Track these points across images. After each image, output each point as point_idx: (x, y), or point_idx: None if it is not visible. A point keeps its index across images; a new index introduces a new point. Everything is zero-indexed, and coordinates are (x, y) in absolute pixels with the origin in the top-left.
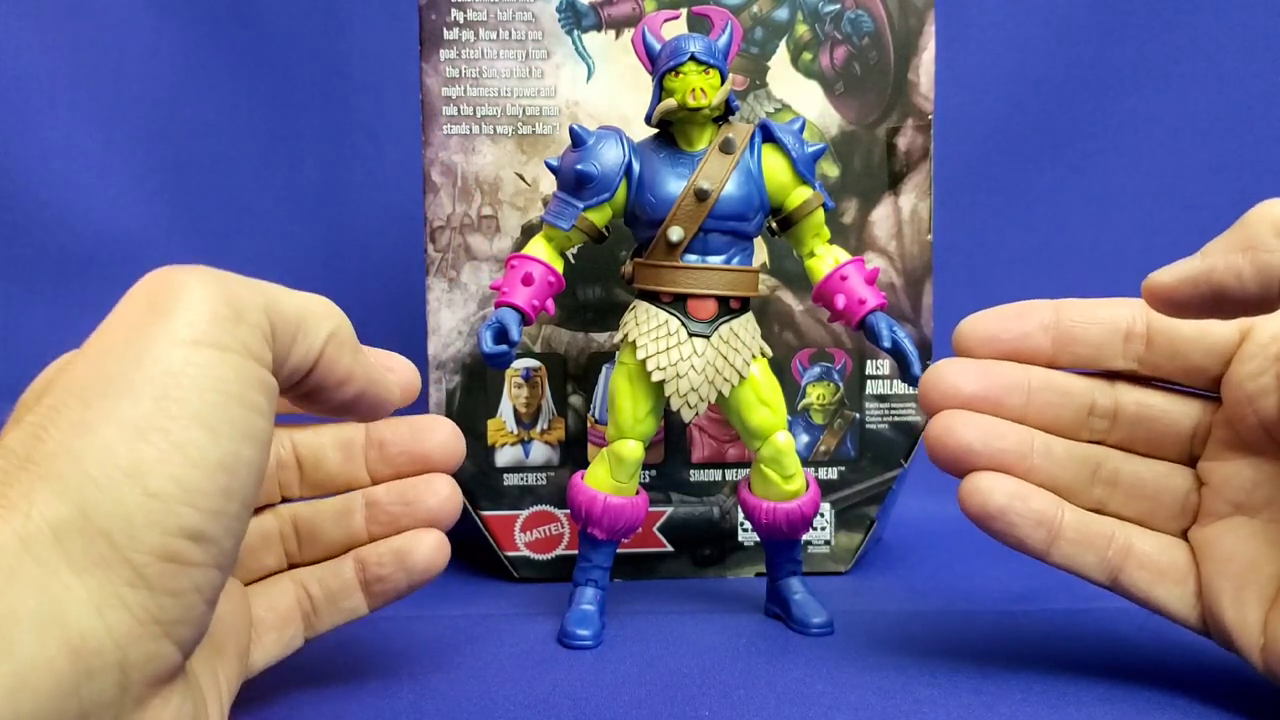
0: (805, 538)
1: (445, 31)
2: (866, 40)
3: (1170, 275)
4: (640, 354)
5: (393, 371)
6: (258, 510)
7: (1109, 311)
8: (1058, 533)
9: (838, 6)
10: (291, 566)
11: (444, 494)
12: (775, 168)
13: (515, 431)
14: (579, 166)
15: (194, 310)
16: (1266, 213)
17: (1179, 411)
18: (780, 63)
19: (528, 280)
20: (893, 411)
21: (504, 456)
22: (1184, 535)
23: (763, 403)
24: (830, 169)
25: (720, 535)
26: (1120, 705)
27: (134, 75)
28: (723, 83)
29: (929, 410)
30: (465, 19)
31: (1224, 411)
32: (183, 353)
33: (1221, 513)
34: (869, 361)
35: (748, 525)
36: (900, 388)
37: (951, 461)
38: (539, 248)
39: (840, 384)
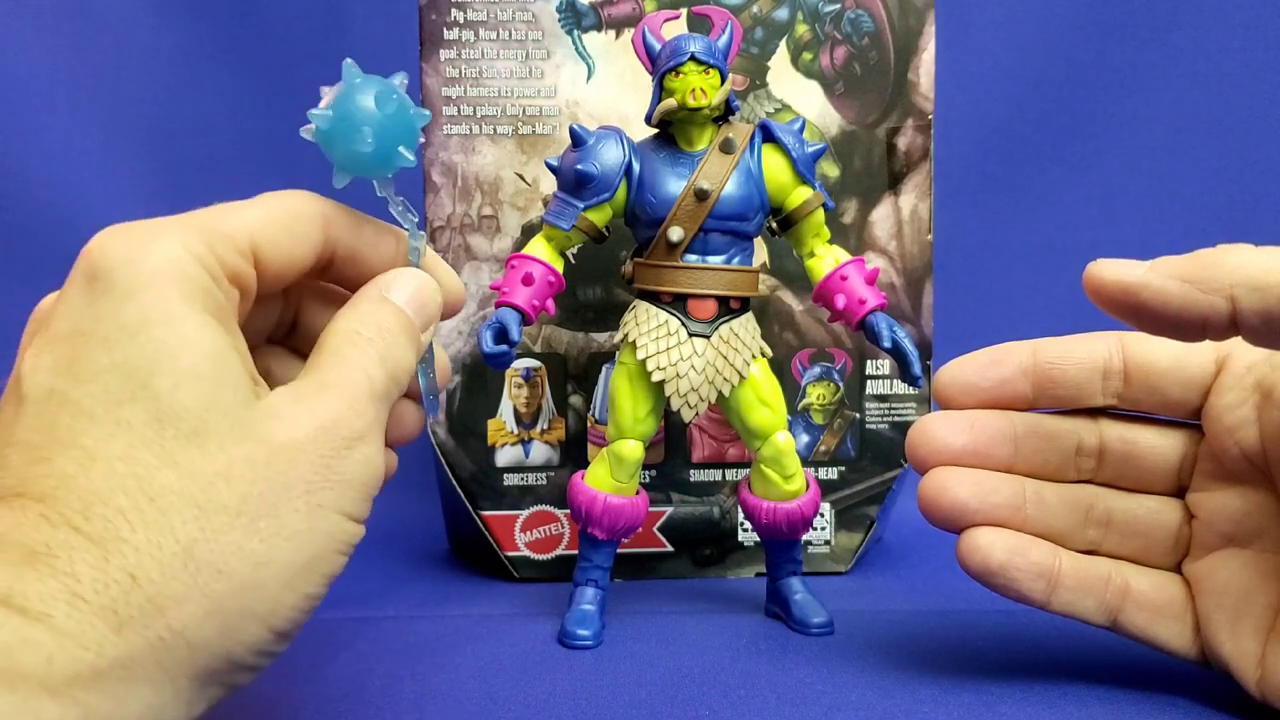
0: (805, 538)
1: (445, 31)
2: (866, 40)
3: (1108, 272)
4: (640, 354)
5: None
6: None
7: (1086, 350)
8: (1057, 581)
9: (838, 6)
10: None
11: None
12: (775, 168)
13: (515, 431)
14: (579, 166)
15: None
16: (1218, 260)
17: (1164, 445)
18: (780, 63)
19: (528, 280)
20: (893, 411)
21: (504, 456)
22: (1178, 569)
23: (763, 403)
24: (830, 169)
25: (720, 535)
26: (1121, 705)
27: (134, 75)
28: (723, 83)
29: (919, 467)
30: (465, 19)
31: (1207, 443)
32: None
33: (1213, 545)
34: (869, 361)
35: (748, 525)
36: (900, 388)
37: (947, 520)
38: (539, 248)
39: (840, 384)
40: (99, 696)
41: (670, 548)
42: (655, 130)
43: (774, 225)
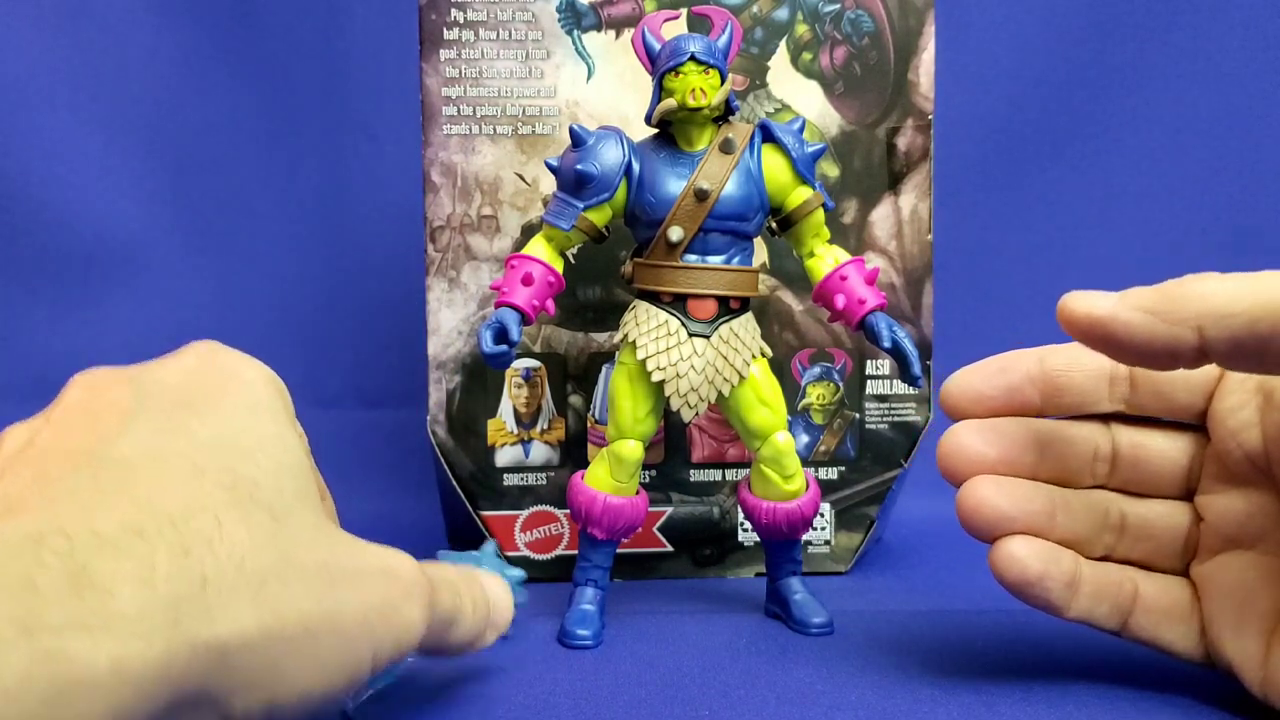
0: (805, 538)
1: (445, 31)
2: (866, 40)
3: (1079, 306)
4: (640, 354)
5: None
6: None
7: (1092, 356)
8: (1078, 588)
9: (838, 6)
10: None
11: None
12: (775, 168)
13: (515, 431)
14: (579, 166)
15: None
16: (1184, 291)
17: (1173, 449)
18: (780, 63)
19: (528, 280)
20: (893, 411)
21: (504, 456)
22: (1186, 572)
23: (763, 403)
24: (830, 169)
25: (720, 535)
26: (1121, 705)
27: (134, 76)
28: (723, 83)
29: (953, 479)
30: (465, 19)
31: (1212, 446)
32: None
33: (1218, 547)
34: (869, 361)
35: (748, 525)
36: (900, 388)
37: (987, 529)
38: (539, 248)
39: (840, 384)
40: (133, 692)
41: (670, 548)
42: (655, 130)
43: (774, 225)
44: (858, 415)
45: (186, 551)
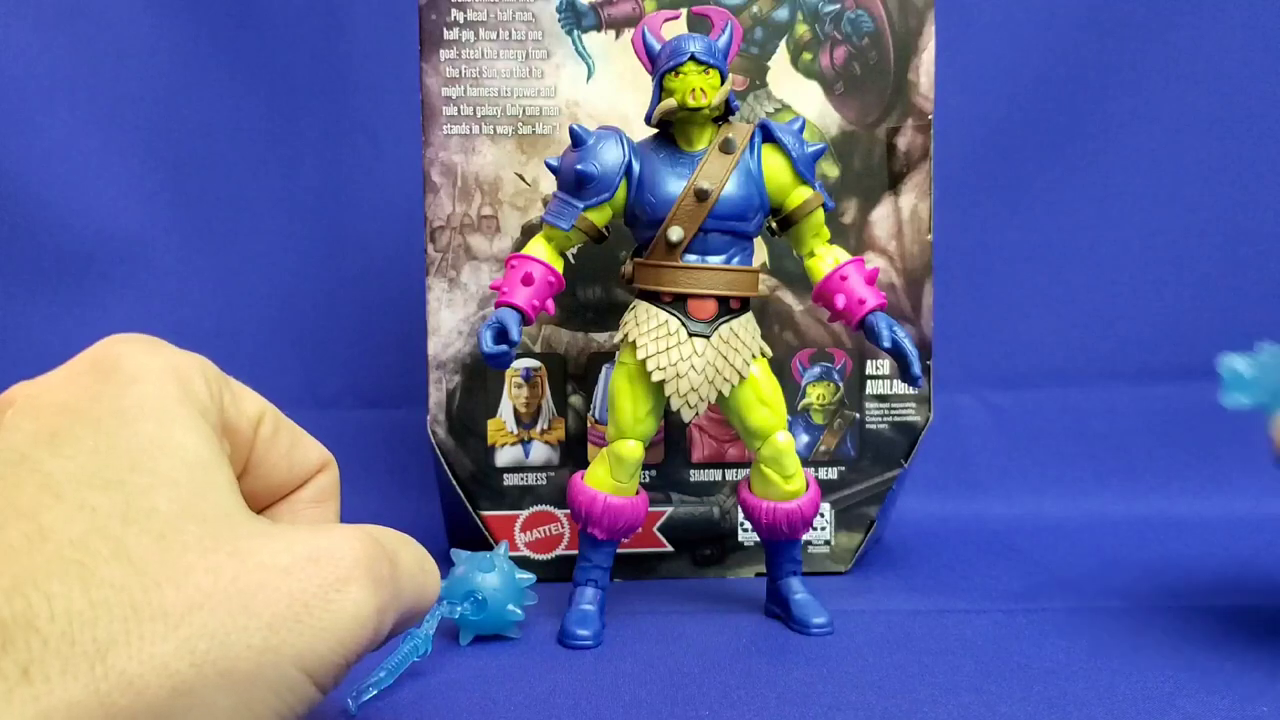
0: (805, 538)
1: (445, 31)
2: (866, 40)
3: None
4: (640, 354)
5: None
6: None
7: None
8: None
9: (838, 6)
10: None
11: None
12: (775, 168)
13: (515, 431)
14: (579, 166)
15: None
16: None
17: None
18: (780, 63)
19: (528, 280)
20: (893, 411)
21: (504, 456)
22: None
23: (763, 403)
24: (830, 169)
25: (720, 535)
26: (1120, 705)
27: (134, 75)
28: (723, 83)
29: None
30: (465, 19)
31: None
32: None
33: None
34: (869, 361)
35: (748, 525)
36: (900, 388)
37: None
38: (539, 248)
39: (840, 384)
40: None
41: (670, 548)
42: (655, 130)
43: (774, 225)
44: (858, 415)
45: (3, 645)
